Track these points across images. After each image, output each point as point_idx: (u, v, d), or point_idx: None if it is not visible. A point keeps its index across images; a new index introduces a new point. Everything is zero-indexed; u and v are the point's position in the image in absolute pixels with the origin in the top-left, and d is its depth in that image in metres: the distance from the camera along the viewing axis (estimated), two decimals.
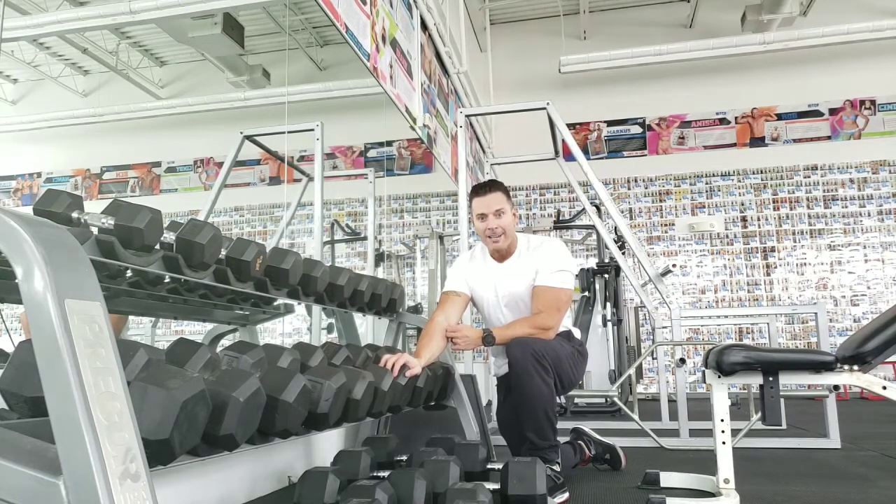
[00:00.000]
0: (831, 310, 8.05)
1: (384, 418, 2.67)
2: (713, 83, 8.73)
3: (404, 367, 2.08)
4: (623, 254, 5.17)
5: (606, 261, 5.84)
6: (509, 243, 2.50)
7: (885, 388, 1.82)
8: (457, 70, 5.69)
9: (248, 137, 4.19)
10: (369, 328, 5.40)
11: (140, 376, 1.02)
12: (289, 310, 3.13)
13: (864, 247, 8.18)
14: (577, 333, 2.54)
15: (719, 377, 1.97)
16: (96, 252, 1.29)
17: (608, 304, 5.70)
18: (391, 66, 3.73)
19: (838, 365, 1.87)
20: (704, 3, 8.69)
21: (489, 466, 2.12)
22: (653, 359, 6.37)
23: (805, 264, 8.29)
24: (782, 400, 2.60)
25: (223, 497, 1.88)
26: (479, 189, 2.51)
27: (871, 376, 1.85)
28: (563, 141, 4.07)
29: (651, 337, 4.81)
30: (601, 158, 8.86)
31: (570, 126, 4.85)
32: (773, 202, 8.46)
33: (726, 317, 7.15)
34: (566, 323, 2.51)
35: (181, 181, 10.19)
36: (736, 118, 8.72)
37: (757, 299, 8.33)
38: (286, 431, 1.40)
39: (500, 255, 2.55)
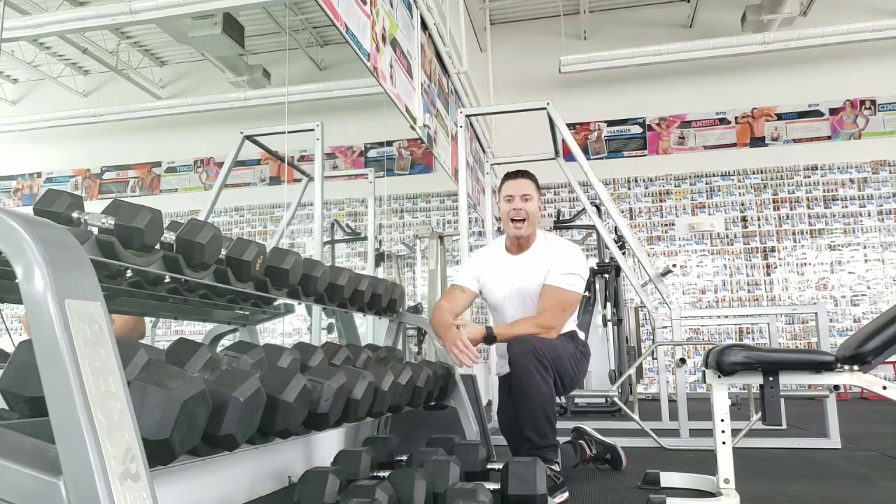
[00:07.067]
0: (831, 310, 8.05)
1: (384, 418, 2.67)
2: (713, 83, 8.73)
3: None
4: (623, 254, 5.17)
5: (606, 261, 5.84)
6: (528, 234, 2.52)
7: (885, 388, 1.82)
8: (457, 70, 5.69)
9: (249, 137, 4.19)
10: (369, 328, 5.40)
11: (140, 376, 1.02)
12: (289, 310, 3.12)
13: (864, 247, 8.18)
14: (581, 335, 2.55)
15: (719, 377, 1.97)
16: (96, 252, 1.29)
17: (608, 304, 5.70)
18: (391, 66, 3.73)
19: (838, 365, 1.87)
20: (704, 3, 8.69)
21: (489, 466, 2.12)
22: (653, 359, 6.37)
23: (805, 264, 8.29)
24: (782, 400, 2.59)
25: (223, 497, 1.88)
26: (512, 174, 2.57)
27: (871, 376, 1.85)
28: (563, 141, 4.07)
29: (651, 337, 4.81)
30: (601, 158, 8.86)
31: (570, 126, 4.85)
32: (774, 202, 8.46)
33: (726, 317, 7.15)
34: (571, 325, 2.51)
35: (181, 181, 10.19)
36: (736, 118, 8.72)
37: (757, 299, 8.33)
38: (286, 431, 1.40)
39: (517, 248, 2.56)
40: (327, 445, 2.45)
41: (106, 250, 1.30)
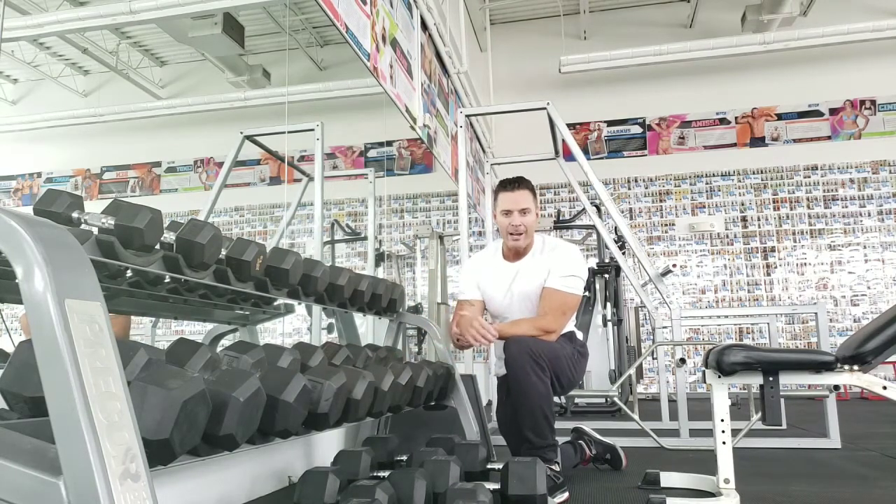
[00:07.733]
0: (831, 310, 8.05)
1: (384, 418, 2.67)
2: (713, 83, 8.73)
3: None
4: (623, 254, 5.17)
5: (606, 261, 5.84)
6: (527, 243, 2.51)
7: (885, 388, 1.82)
8: (457, 70, 5.69)
9: (249, 137, 4.19)
10: (369, 328, 5.40)
11: (140, 376, 1.02)
12: (289, 310, 3.12)
13: (864, 247, 8.18)
14: (579, 335, 2.54)
15: (719, 377, 1.97)
16: (96, 252, 1.29)
17: (608, 304, 5.70)
18: (391, 66, 3.73)
19: (838, 365, 1.87)
20: (704, 3, 8.69)
21: (489, 466, 2.12)
22: (653, 359, 6.37)
23: (805, 264, 8.29)
24: (782, 400, 2.59)
25: (223, 497, 1.88)
26: (508, 184, 2.50)
27: (871, 376, 1.85)
28: (563, 141, 4.07)
29: (651, 337, 4.81)
30: (601, 158, 8.86)
31: (570, 126, 4.85)
32: (774, 202, 8.46)
33: (726, 317, 7.14)
34: (569, 325, 2.51)
35: (181, 181, 10.19)
36: (736, 118, 8.72)
37: (757, 299, 8.33)
38: (286, 431, 1.40)
39: (515, 254, 2.55)
40: (327, 445, 2.45)
41: (106, 250, 1.30)
